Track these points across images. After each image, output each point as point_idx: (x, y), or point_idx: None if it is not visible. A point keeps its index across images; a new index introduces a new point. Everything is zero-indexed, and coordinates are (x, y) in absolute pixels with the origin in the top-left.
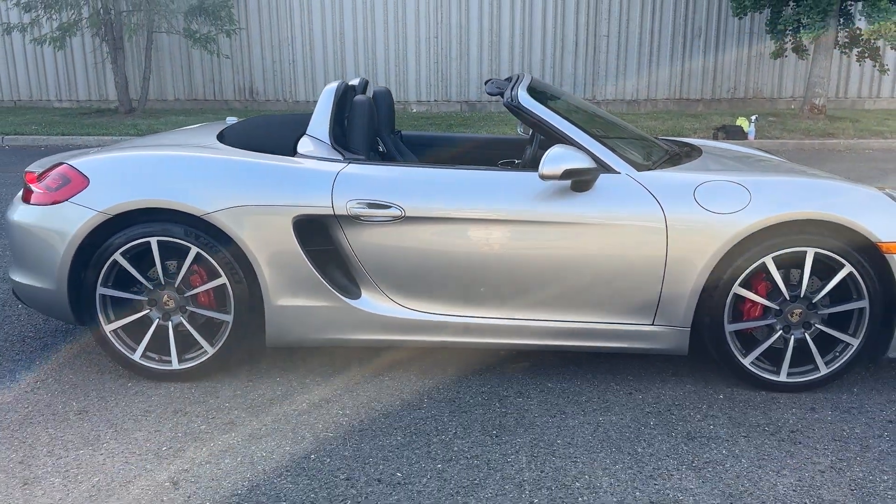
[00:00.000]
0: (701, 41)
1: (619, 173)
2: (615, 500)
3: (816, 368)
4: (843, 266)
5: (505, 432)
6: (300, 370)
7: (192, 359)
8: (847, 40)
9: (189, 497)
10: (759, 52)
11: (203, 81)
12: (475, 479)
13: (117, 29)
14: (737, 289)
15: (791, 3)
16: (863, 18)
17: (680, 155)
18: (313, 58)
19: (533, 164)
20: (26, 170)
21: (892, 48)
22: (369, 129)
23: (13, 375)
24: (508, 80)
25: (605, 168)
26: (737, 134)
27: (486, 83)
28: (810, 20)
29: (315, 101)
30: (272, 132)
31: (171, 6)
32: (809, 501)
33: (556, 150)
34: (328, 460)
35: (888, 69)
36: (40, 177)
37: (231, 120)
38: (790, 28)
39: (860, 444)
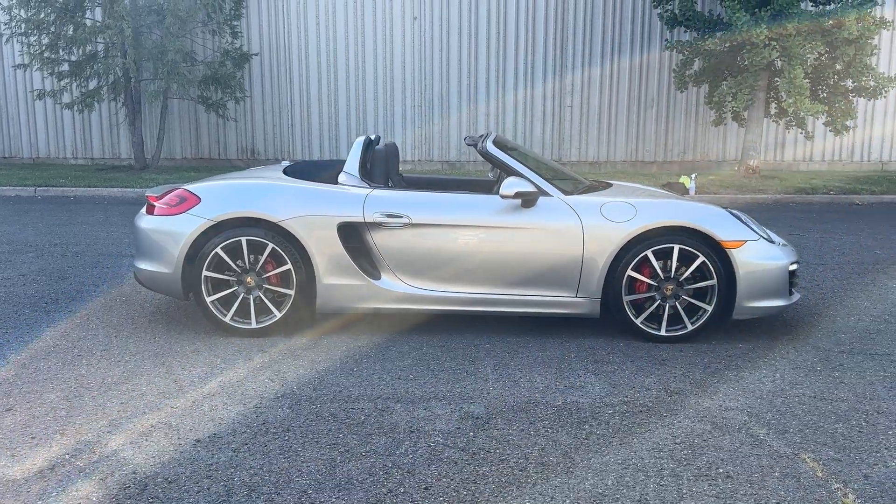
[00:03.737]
0: (653, 111)
1: (553, 196)
2: (544, 385)
3: (685, 326)
4: (697, 257)
5: (477, 360)
6: (339, 328)
7: (266, 320)
8: (777, 111)
9: (284, 383)
10: (705, 120)
11: (209, 142)
12: (458, 378)
13: (136, 94)
14: (629, 272)
15: (727, 79)
16: (783, 94)
17: (596, 187)
18: (310, 122)
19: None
20: (147, 194)
21: (813, 118)
22: (385, 168)
23: (146, 332)
24: (481, 136)
25: (542, 192)
26: (679, 190)
27: (465, 138)
28: (741, 94)
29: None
30: (319, 169)
31: (188, 76)
32: (662, 387)
33: (510, 180)
34: (361, 370)
35: (813, 136)
36: (159, 198)
37: (285, 163)
38: (726, 101)
39: (704, 365)
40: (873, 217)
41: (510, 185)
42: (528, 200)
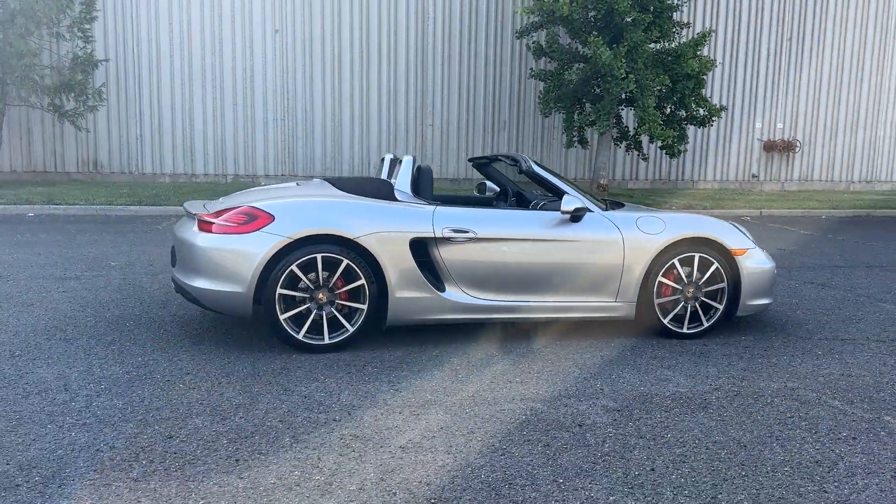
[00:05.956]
0: (506, 132)
1: (594, 212)
2: (637, 380)
3: (701, 323)
4: (713, 263)
5: (555, 362)
6: (398, 341)
7: (338, 335)
8: (618, 135)
9: (412, 392)
10: (549, 142)
11: (43, 154)
12: (560, 379)
13: None
14: (660, 278)
15: (578, 108)
16: (636, 120)
17: (615, 204)
18: (161, 133)
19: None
20: (193, 210)
21: (651, 141)
22: (429, 186)
23: (207, 353)
24: (508, 157)
25: (587, 209)
26: None
27: (469, 160)
28: (600, 119)
29: (162, 174)
30: (363, 185)
31: (41, 82)
32: (727, 375)
33: (567, 198)
34: (467, 377)
35: (647, 157)
36: (217, 215)
37: (316, 180)
38: (582, 125)
39: (737, 355)
40: None
41: (569, 203)
42: (578, 216)
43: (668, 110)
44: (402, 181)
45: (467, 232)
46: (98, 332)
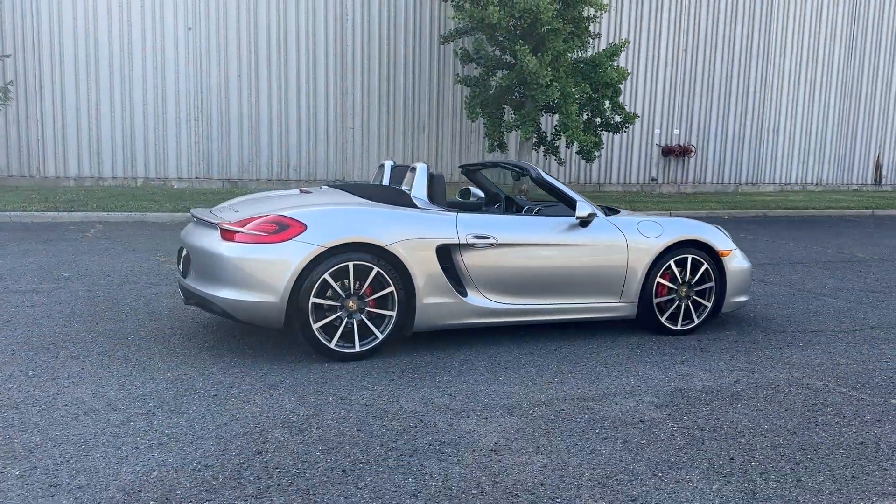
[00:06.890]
0: (425, 135)
1: (599, 217)
2: (663, 375)
3: (693, 320)
4: (703, 264)
5: (579, 362)
6: (425, 346)
7: (368, 343)
8: (538, 140)
9: (468, 395)
10: (468, 145)
11: None
12: (594, 379)
13: None
14: (658, 279)
15: (500, 113)
16: (555, 126)
17: (611, 210)
18: (65, 135)
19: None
20: (215, 222)
21: (568, 146)
22: (442, 192)
23: (232, 366)
24: (513, 165)
25: (595, 214)
26: None
27: (460, 167)
28: (524, 125)
29: (66, 177)
30: (381, 193)
31: None
32: (739, 368)
33: (581, 204)
34: (508, 380)
35: (564, 161)
36: (242, 224)
37: (325, 188)
38: (507, 130)
39: (733, 350)
40: None
41: (583, 208)
42: (587, 221)
43: (585, 117)
44: (418, 188)
45: (488, 238)
46: (104, 349)
